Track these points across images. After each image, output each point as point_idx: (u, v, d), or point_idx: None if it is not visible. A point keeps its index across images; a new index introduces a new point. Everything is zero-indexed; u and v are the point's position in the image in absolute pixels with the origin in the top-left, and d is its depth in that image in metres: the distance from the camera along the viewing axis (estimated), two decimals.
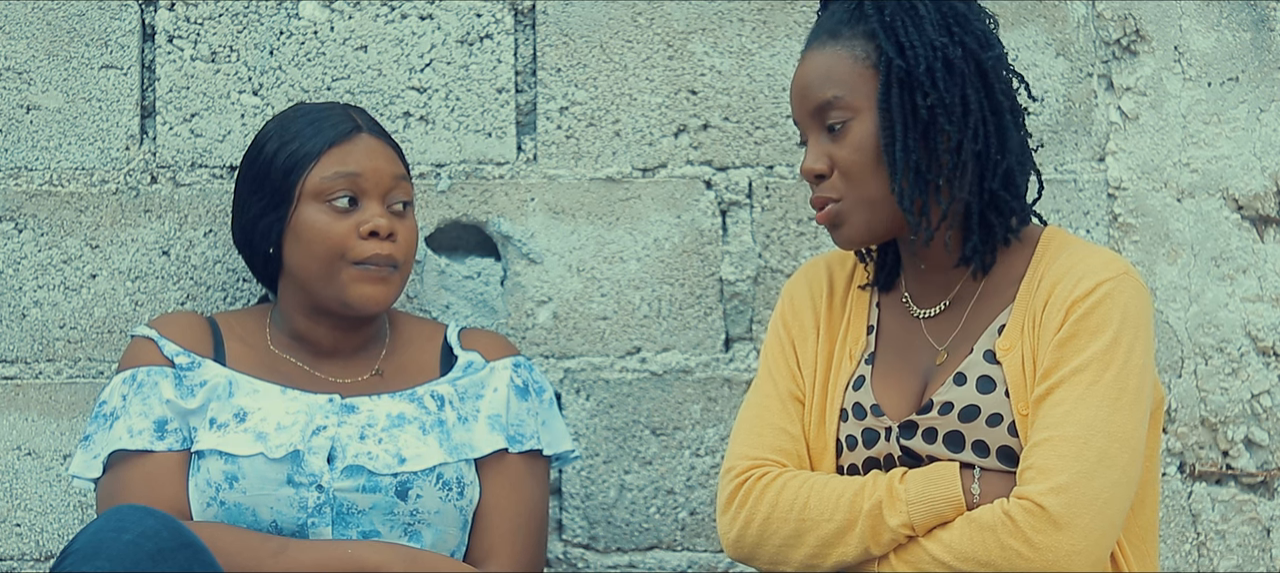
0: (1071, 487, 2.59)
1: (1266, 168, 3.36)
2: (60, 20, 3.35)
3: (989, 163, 2.73)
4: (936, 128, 2.70)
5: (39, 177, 3.34)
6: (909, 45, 2.71)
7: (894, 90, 2.71)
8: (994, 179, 2.73)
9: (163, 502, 2.94)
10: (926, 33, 2.71)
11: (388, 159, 3.10)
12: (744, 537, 2.76)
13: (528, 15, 3.38)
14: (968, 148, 2.71)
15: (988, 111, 2.73)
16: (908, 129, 2.71)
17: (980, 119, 2.72)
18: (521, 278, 3.36)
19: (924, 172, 2.71)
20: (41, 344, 3.33)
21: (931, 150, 2.71)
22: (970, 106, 2.71)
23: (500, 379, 3.12)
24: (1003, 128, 2.73)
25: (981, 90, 2.73)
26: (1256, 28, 3.37)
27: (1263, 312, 3.35)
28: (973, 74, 2.72)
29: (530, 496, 3.10)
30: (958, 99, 2.71)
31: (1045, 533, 2.59)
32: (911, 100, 2.70)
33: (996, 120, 2.73)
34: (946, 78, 2.70)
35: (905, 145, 2.70)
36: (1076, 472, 2.60)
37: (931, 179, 2.72)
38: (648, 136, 3.38)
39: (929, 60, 2.70)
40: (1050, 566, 2.59)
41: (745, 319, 3.37)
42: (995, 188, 2.73)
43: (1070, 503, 2.59)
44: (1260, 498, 3.36)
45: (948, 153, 2.71)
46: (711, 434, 3.35)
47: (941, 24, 2.72)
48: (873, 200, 2.74)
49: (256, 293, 3.33)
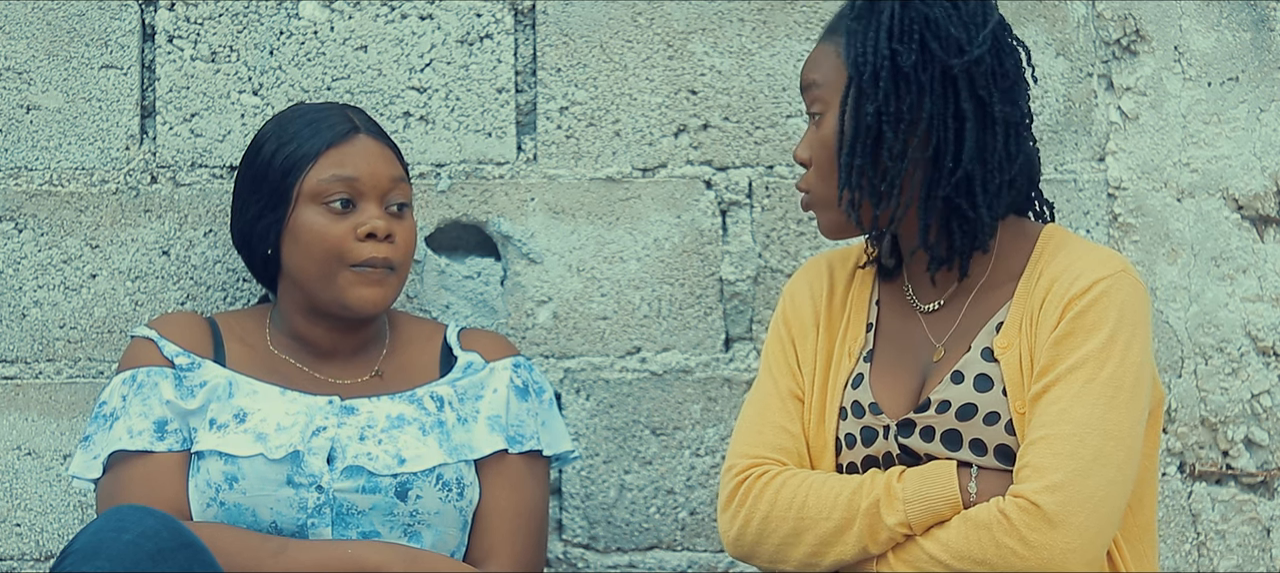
0: (1066, 485, 2.59)
1: (1266, 168, 3.36)
2: (60, 20, 3.35)
3: (940, 171, 2.72)
4: (880, 134, 2.71)
5: (39, 177, 3.34)
6: (860, 52, 2.72)
7: (850, 94, 2.73)
8: (945, 186, 2.72)
9: (162, 502, 2.94)
10: (880, 40, 2.71)
11: (385, 160, 3.10)
12: (744, 535, 2.77)
13: (528, 15, 3.38)
14: (914, 155, 2.71)
15: (949, 119, 2.72)
16: (855, 136, 2.72)
17: (935, 127, 2.71)
18: (521, 278, 3.36)
19: (870, 177, 2.72)
20: (41, 344, 3.33)
21: (877, 157, 2.72)
22: (923, 114, 2.71)
23: (500, 380, 3.12)
24: (962, 136, 2.72)
25: (944, 97, 2.71)
26: (1256, 28, 3.37)
27: (1263, 312, 3.35)
28: (933, 81, 2.70)
29: (530, 496, 3.10)
30: (906, 107, 2.70)
31: (1040, 531, 2.59)
32: (859, 107, 2.71)
33: (957, 127, 2.72)
34: (892, 85, 2.70)
35: (852, 149, 2.72)
36: (1071, 470, 2.60)
37: (876, 184, 2.72)
38: (648, 136, 3.38)
39: (876, 66, 2.70)
40: (1046, 564, 2.59)
41: (745, 319, 3.37)
42: (947, 195, 2.72)
43: (1065, 501, 2.59)
44: (1260, 498, 3.36)
45: (893, 160, 2.71)
46: (711, 434, 3.35)
47: (903, 30, 2.71)
48: (832, 199, 2.77)
49: (256, 293, 3.33)
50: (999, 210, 2.76)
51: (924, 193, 2.73)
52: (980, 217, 2.73)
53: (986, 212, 2.73)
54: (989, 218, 2.74)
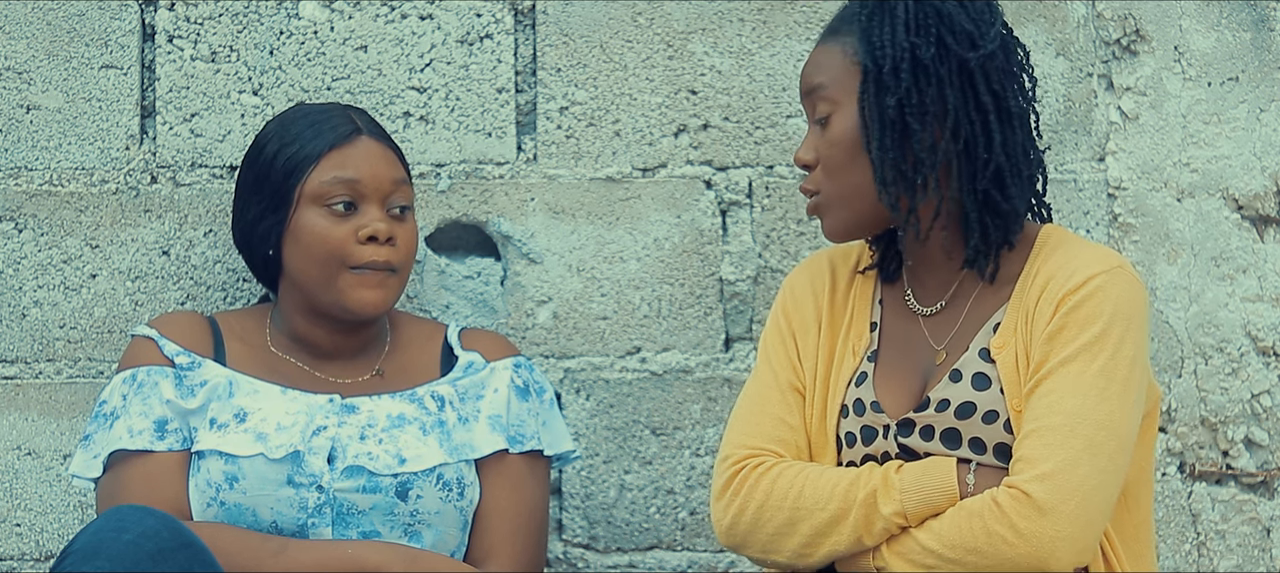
0: (1057, 474, 2.60)
1: (1266, 168, 3.36)
2: (60, 20, 3.35)
3: (976, 162, 2.74)
4: (907, 127, 2.72)
5: (39, 177, 3.34)
6: (879, 44, 2.74)
7: (868, 88, 2.74)
8: (984, 178, 2.74)
9: (163, 502, 2.94)
10: (898, 33, 2.73)
11: (387, 163, 3.10)
12: (737, 524, 2.77)
13: (528, 15, 3.38)
14: (946, 147, 2.73)
15: (972, 110, 2.73)
16: (882, 127, 2.73)
17: (961, 119, 2.73)
18: (521, 278, 3.36)
19: (903, 169, 2.73)
20: (41, 344, 3.33)
21: (907, 149, 2.73)
22: (948, 107, 2.72)
23: (501, 380, 3.12)
24: (989, 128, 2.74)
25: (963, 90, 2.73)
26: (1256, 28, 3.37)
27: (1263, 312, 3.35)
28: (951, 74, 2.73)
29: (530, 496, 3.10)
30: (929, 99, 2.72)
31: (1031, 519, 2.60)
32: (881, 99, 2.72)
33: (981, 120, 2.74)
34: (913, 77, 2.72)
35: (881, 143, 2.73)
36: (1062, 459, 2.61)
37: (912, 177, 2.73)
38: (648, 136, 3.38)
39: (896, 59, 2.72)
40: (1036, 551, 2.60)
41: (745, 319, 3.37)
42: (986, 187, 2.74)
43: (1055, 490, 2.60)
44: (1260, 498, 3.36)
45: (925, 152, 2.72)
46: (711, 434, 3.35)
47: (919, 24, 2.73)
48: (848, 196, 2.77)
49: (256, 293, 3.33)
50: (1027, 203, 2.78)
51: (965, 187, 2.74)
52: (1014, 208, 2.76)
53: (1020, 203, 2.76)
54: (1022, 209, 2.76)
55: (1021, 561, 2.60)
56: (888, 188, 2.74)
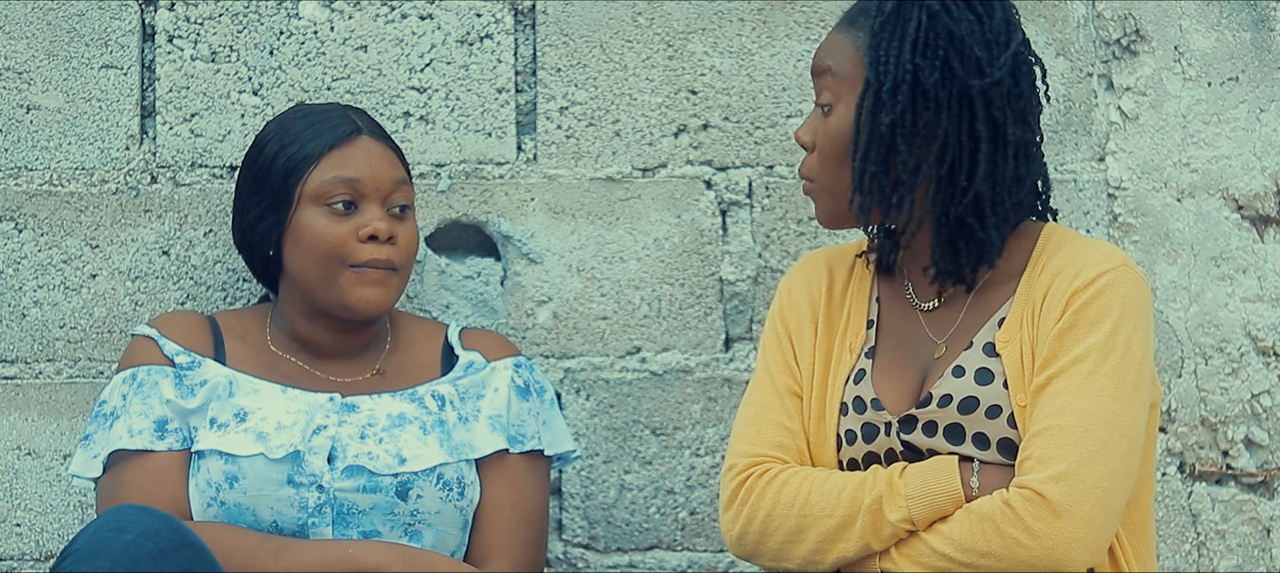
0: (1071, 475, 2.60)
1: (1266, 168, 3.36)
2: (60, 20, 3.35)
3: (954, 189, 2.73)
4: (894, 145, 2.71)
5: (39, 177, 3.34)
6: (883, 60, 2.72)
7: (866, 99, 2.73)
8: (957, 206, 2.73)
9: (163, 502, 2.94)
10: (904, 52, 2.71)
11: (387, 162, 3.10)
12: (747, 534, 2.77)
13: (528, 15, 3.38)
14: (928, 172, 2.72)
15: (964, 137, 2.72)
16: (870, 141, 2.72)
17: (950, 144, 2.72)
18: (521, 278, 3.36)
19: (882, 184, 2.73)
20: (41, 344, 3.33)
21: (890, 166, 2.72)
22: (939, 132, 2.71)
23: (501, 379, 3.12)
24: (976, 156, 2.73)
25: (959, 116, 2.72)
26: (1256, 28, 3.37)
27: (1263, 312, 3.35)
28: (951, 99, 2.71)
29: (531, 496, 3.10)
30: (923, 122, 2.71)
31: (1045, 521, 2.59)
32: (876, 114, 2.72)
33: (971, 147, 2.72)
34: (911, 100, 2.71)
35: (866, 156, 2.73)
36: (1076, 460, 2.60)
37: (888, 193, 2.73)
38: (648, 136, 3.38)
39: (897, 80, 2.71)
40: (1050, 553, 2.59)
41: (745, 319, 3.37)
42: (961, 214, 2.73)
43: (1070, 491, 2.60)
44: (1260, 498, 3.36)
45: (907, 172, 2.72)
46: (711, 434, 3.35)
47: (928, 44, 2.71)
48: (836, 190, 2.79)
49: (256, 293, 3.33)
50: (1006, 232, 2.77)
51: (937, 211, 2.74)
52: (989, 238, 2.74)
53: (996, 233, 2.74)
54: (997, 239, 2.75)
55: (1036, 562, 2.60)
56: (863, 197, 2.74)
